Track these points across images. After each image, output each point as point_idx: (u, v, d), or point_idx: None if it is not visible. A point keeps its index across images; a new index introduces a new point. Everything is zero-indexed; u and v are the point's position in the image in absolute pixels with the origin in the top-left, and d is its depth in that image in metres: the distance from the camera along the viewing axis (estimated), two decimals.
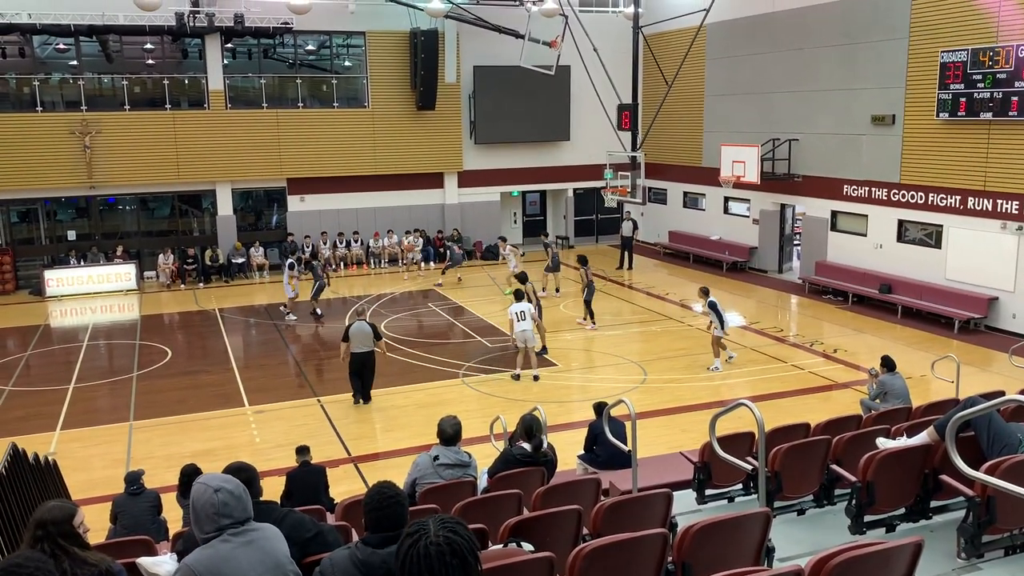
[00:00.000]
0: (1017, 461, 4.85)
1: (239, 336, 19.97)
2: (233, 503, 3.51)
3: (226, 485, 3.53)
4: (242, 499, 3.55)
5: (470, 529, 2.59)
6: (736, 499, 7.39)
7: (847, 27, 21.43)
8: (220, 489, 3.50)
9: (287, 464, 9.95)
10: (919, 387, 13.55)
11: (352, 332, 14.30)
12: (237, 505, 3.52)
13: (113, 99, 25.51)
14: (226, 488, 3.51)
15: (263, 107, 26.39)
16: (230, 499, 3.50)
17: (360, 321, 14.53)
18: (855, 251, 21.84)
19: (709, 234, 27.28)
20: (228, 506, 3.49)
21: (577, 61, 24.59)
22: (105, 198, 26.05)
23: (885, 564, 3.63)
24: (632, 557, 4.12)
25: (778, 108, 23.85)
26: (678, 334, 18.82)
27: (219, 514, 3.47)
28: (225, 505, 3.48)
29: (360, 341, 14.24)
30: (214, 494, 3.48)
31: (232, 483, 3.57)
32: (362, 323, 14.44)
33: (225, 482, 3.56)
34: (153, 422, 14.00)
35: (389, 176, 27.61)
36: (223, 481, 3.56)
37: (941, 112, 18.75)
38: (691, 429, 12.35)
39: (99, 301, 23.71)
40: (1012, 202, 17.75)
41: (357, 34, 27.21)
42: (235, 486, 3.56)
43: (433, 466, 6.87)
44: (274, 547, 3.60)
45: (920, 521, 5.83)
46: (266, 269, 26.37)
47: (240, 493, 3.55)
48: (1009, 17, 17.40)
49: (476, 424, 12.14)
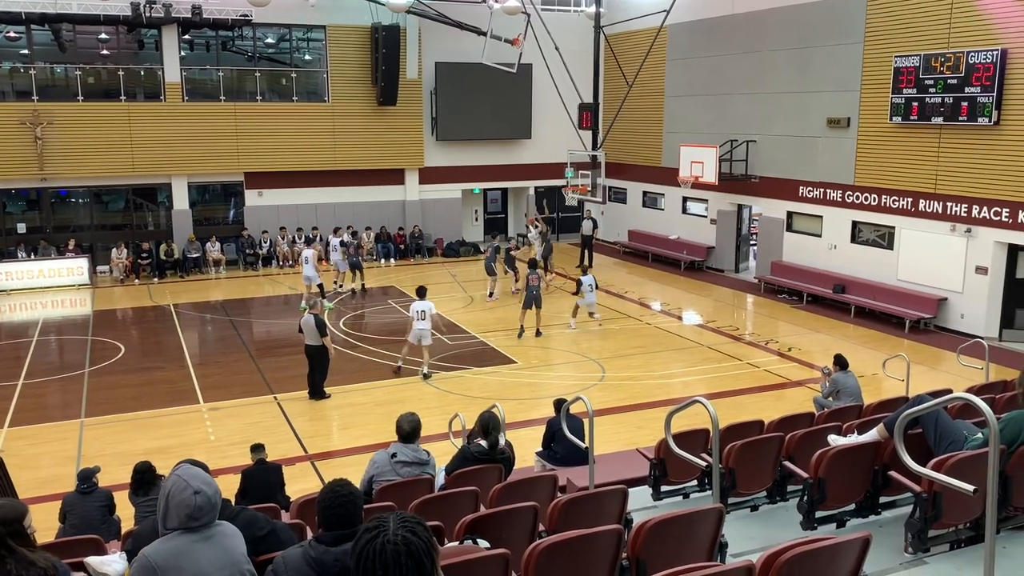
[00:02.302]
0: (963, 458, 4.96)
1: (194, 332, 19.67)
2: (207, 507, 3.50)
3: (206, 489, 3.51)
4: (216, 506, 3.55)
5: (429, 530, 2.58)
6: (691, 495, 7.47)
7: (804, 31, 21.76)
8: (200, 492, 3.47)
9: (243, 462, 9.82)
10: (871, 385, 13.81)
11: (301, 324, 14.38)
12: (210, 511, 3.52)
13: (66, 89, 24.97)
14: (205, 492, 3.49)
15: (221, 100, 26.03)
16: (205, 504, 3.49)
17: (308, 314, 14.39)
18: (810, 251, 22.19)
19: (668, 233, 27.51)
20: (202, 509, 3.48)
21: (539, 59, 24.65)
22: (57, 190, 25.50)
23: (834, 559, 3.70)
24: (587, 553, 4.15)
25: (736, 110, 24.13)
26: (636, 332, 18.95)
27: (191, 516, 3.47)
28: (199, 509, 3.47)
29: (307, 334, 14.20)
30: (193, 495, 3.46)
31: (212, 487, 3.55)
32: (309, 316, 14.30)
33: (206, 484, 3.53)
34: (105, 419, 13.72)
35: (349, 172, 27.40)
36: (204, 483, 3.52)
37: (894, 116, 19.13)
38: (647, 426, 12.44)
39: (50, 296, 23.20)
40: (961, 205, 18.17)
41: (318, 28, 26.96)
42: (213, 491, 3.54)
43: (391, 464, 6.83)
44: (233, 545, 3.60)
45: (869, 517, 5.93)
46: (222, 264, 26.02)
47: (216, 499, 3.55)
48: (961, 24, 17.81)
49: (435, 422, 12.10)
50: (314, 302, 15.30)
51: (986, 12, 17.23)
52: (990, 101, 17.02)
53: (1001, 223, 17.43)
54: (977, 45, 17.32)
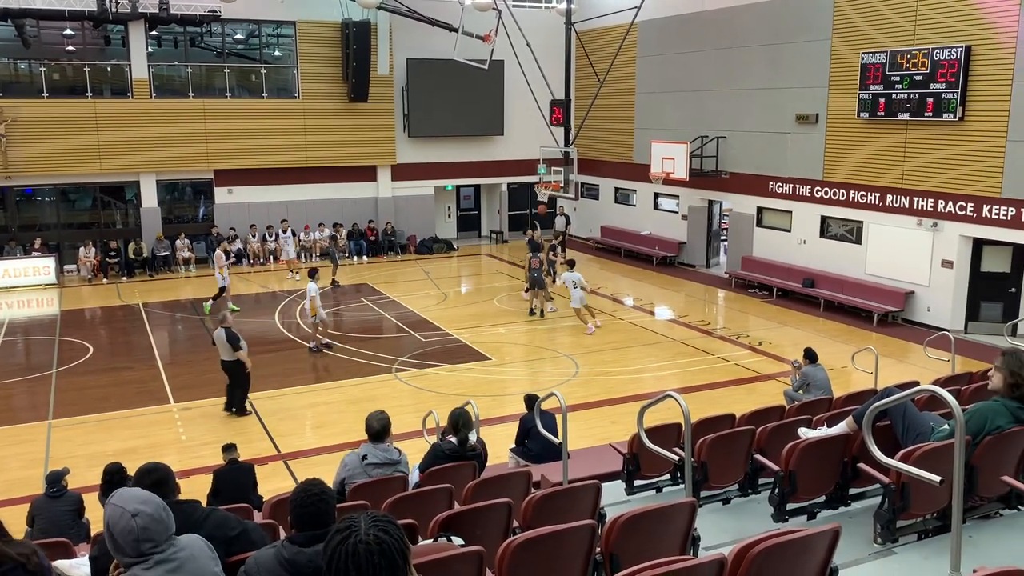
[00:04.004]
0: (929, 449, 5.03)
1: (164, 332, 19.46)
2: (154, 526, 3.25)
3: (144, 508, 3.25)
4: (163, 520, 3.30)
5: (401, 528, 2.58)
6: (664, 489, 7.51)
7: (773, 27, 21.94)
8: (138, 513, 3.23)
9: (215, 462, 9.75)
10: (840, 378, 13.99)
11: (214, 338, 13.80)
12: (158, 528, 3.27)
13: (30, 86, 24.57)
14: (144, 511, 3.24)
15: (190, 96, 25.74)
16: (150, 523, 3.24)
17: (220, 328, 13.64)
18: (780, 246, 22.40)
19: (640, 229, 27.64)
20: (148, 530, 3.24)
21: (511, 56, 24.62)
22: (22, 189, 25.08)
23: (805, 551, 3.74)
24: (561, 549, 4.16)
25: (707, 106, 24.27)
26: (609, 327, 19.02)
27: (139, 540, 3.22)
28: (145, 530, 3.23)
29: (220, 348, 13.62)
30: (132, 519, 3.21)
31: (151, 503, 3.29)
32: (220, 330, 13.58)
33: (143, 503, 3.27)
34: (74, 420, 13.55)
35: (321, 168, 27.23)
36: (140, 503, 3.27)
37: (862, 112, 19.35)
38: (620, 421, 12.51)
39: (16, 296, 22.83)
40: (927, 199, 18.43)
41: (287, 24, 26.73)
42: (154, 507, 3.29)
43: (362, 466, 6.79)
44: (203, 566, 3.41)
45: (839, 508, 6.00)
46: (192, 263, 25.75)
47: (160, 514, 3.29)
48: (925, 21, 18.05)
49: (409, 419, 12.11)
50: (223, 315, 14.22)
51: (950, 9, 17.48)
52: (955, 97, 17.28)
53: (966, 217, 17.71)
54: (942, 42, 17.57)
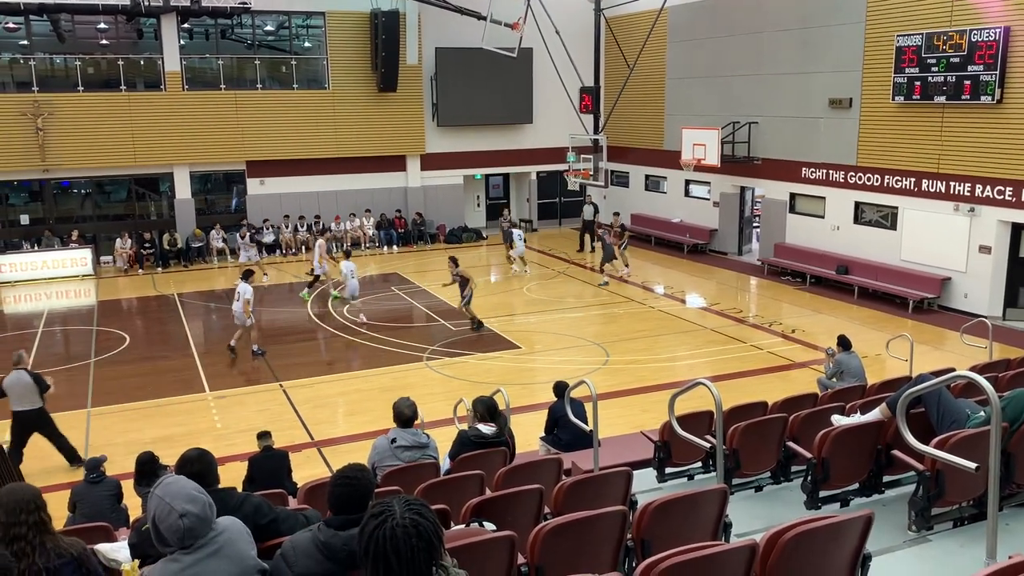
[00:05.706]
0: (965, 436, 4.98)
1: (199, 321, 19.73)
2: (199, 526, 3.28)
3: (191, 508, 3.26)
4: (208, 517, 3.32)
5: (434, 511, 2.61)
6: (696, 477, 7.50)
7: (805, 11, 21.63)
8: (186, 514, 3.24)
9: (249, 449, 9.89)
10: (874, 366, 13.83)
11: (6, 386, 10.91)
12: (203, 527, 3.30)
13: (66, 80, 24.94)
14: (191, 512, 3.25)
15: (221, 88, 25.98)
16: (196, 523, 3.27)
17: (17, 371, 11.05)
18: (813, 233, 22.15)
19: (670, 217, 27.47)
20: (193, 531, 3.27)
21: (540, 43, 24.53)
22: (59, 181, 25.51)
23: (837, 537, 3.73)
24: (592, 534, 4.18)
25: (738, 91, 24.02)
26: (639, 316, 18.97)
27: (184, 537, 3.27)
28: (191, 531, 3.26)
29: (19, 397, 10.94)
30: (179, 519, 3.23)
31: (197, 503, 3.30)
32: (20, 372, 11.03)
33: (190, 503, 3.27)
34: (112, 408, 13.81)
35: (351, 159, 27.37)
36: (187, 502, 3.27)
37: (897, 96, 19.04)
38: (651, 409, 12.48)
39: (54, 287, 23.26)
40: (964, 184, 18.12)
41: (317, 14, 26.86)
42: (200, 507, 3.30)
43: (391, 449, 6.87)
44: (241, 550, 3.45)
45: (873, 496, 5.96)
46: (226, 254, 26.05)
47: (206, 512, 3.32)
48: (963, 1, 17.70)
49: (440, 407, 12.18)
50: (18, 356, 11.41)
51: None
52: (993, 79, 16.94)
53: (1004, 202, 17.38)
54: (980, 23, 17.22)
